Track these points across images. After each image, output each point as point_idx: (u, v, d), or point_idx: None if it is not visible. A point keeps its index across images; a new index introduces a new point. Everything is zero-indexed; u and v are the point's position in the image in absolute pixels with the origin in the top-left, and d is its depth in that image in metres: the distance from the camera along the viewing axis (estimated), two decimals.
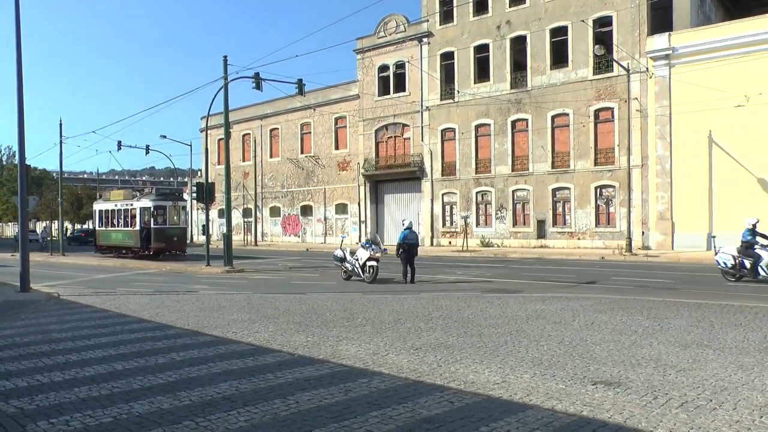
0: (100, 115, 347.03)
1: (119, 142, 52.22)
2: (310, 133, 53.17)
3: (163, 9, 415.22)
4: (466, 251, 36.41)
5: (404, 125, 45.92)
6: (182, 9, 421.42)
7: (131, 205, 36.95)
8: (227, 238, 27.79)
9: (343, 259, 21.39)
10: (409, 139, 45.72)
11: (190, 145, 62.89)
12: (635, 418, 5.96)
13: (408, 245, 20.24)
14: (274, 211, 56.66)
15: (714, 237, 29.71)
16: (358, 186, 48.90)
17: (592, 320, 11.74)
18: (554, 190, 38.29)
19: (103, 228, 40.17)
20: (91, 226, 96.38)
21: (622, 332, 10.42)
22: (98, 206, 41.56)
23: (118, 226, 38.32)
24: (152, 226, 34.95)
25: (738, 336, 9.94)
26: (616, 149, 35.43)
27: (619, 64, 33.68)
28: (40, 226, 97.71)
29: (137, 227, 35.84)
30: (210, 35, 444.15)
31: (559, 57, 38.06)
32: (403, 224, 21.39)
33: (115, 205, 38.65)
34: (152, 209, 35.12)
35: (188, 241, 64.87)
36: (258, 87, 29.01)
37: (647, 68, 33.79)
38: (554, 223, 38.36)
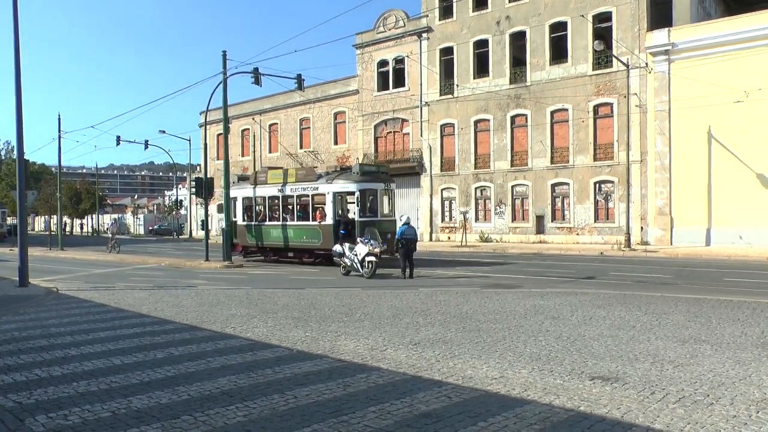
0: (99, 110, 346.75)
1: (118, 137, 52.31)
2: (309, 128, 53.10)
3: (163, 3, 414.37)
4: (465, 246, 36.41)
5: (403, 120, 45.87)
6: (182, 3, 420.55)
7: (315, 188, 26.06)
8: (226, 233, 27.80)
9: (342, 255, 21.40)
10: (408, 134, 45.67)
11: (189, 140, 62.92)
12: (633, 413, 5.98)
13: (406, 240, 20.25)
14: None
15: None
16: None
17: (590, 315, 11.76)
18: (553, 186, 38.27)
19: (254, 222, 29.02)
20: (104, 222, 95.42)
21: (620, 327, 10.44)
22: (239, 191, 30.12)
23: (286, 220, 27.30)
24: (357, 218, 24.45)
25: (736, 331, 9.96)
26: (616, 145, 35.41)
27: (619, 60, 33.63)
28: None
29: (328, 221, 25.20)
30: (209, 30, 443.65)
31: (559, 52, 37.99)
32: (401, 220, 21.41)
33: (280, 190, 27.65)
34: (357, 194, 24.63)
35: (187, 237, 65.06)
36: (257, 82, 28.99)
37: (647, 64, 33.74)
38: (553, 219, 38.35)
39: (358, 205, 24.49)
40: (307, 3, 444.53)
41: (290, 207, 27.20)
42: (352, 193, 24.94)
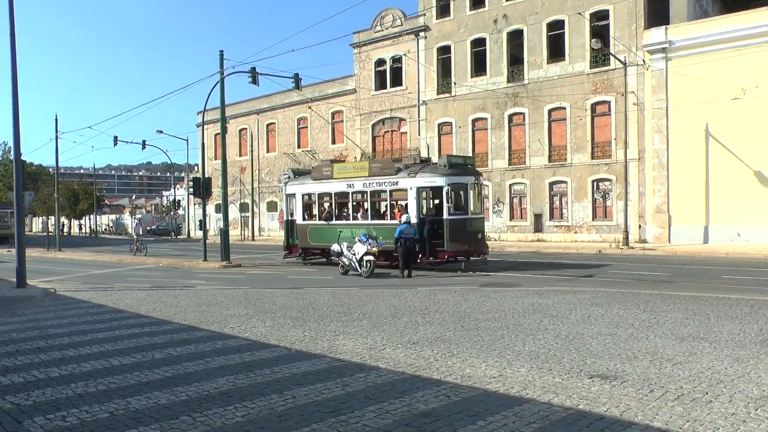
0: (96, 110, 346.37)
1: (115, 138, 52.23)
2: (306, 127, 53.08)
3: (161, 3, 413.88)
4: None
5: (401, 119, 45.86)
6: (179, 3, 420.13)
7: (394, 183, 22.97)
8: (224, 233, 27.77)
9: (340, 254, 21.39)
10: (405, 133, 45.66)
11: (187, 140, 62.81)
12: (631, 412, 5.98)
13: (405, 239, 20.24)
14: (271, 206, 56.57)
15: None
16: None
17: (588, 314, 11.76)
18: (551, 184, 38.29)
19: (318, 222, 25.57)
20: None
21: (618, 325, 10.44)
22: (298, 187, 26.79)
23: (357, 219, 24.24)
24: (446, 216, 21.55)
25: (734, 329, 9.96)
26: (613, 143, 35.43)
27: (616, 58, 33.65)
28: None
29: (413, 220, 21.60)
30: (206, 30, 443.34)
31: (556, 51, 38.01)
32: (401, 219, 21.39)
33: (349, 185, 24.46)
34: (447, 189, 21.50)
35: (185, 237, 65.02)
36: (254, 82, 28.95)
37: (644, 62, 33.76)
38: (551, 217, 38.38)
39: (448, 202, 21.41)
40: (305, 2, 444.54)
41: (362, 204, 24.36)
42: (440, 188, 21.82)
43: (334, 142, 50.79)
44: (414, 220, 21.26)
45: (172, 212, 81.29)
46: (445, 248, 21.42)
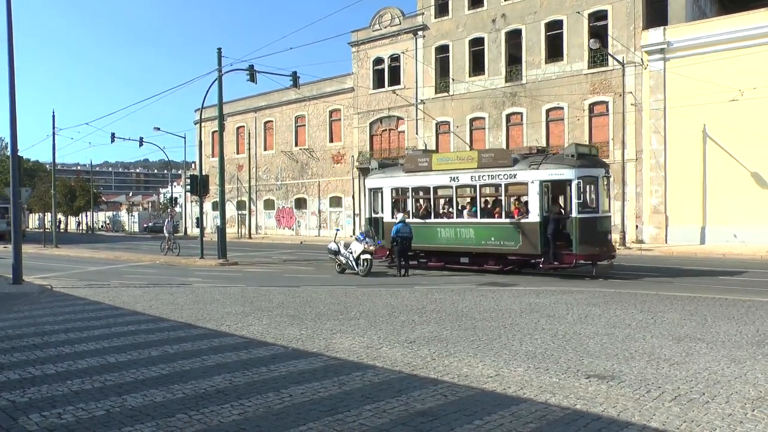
0: (93, 107, 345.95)
1: (113, 134, 52.22)
2: (304, 125, 53.03)
3: (159, 2, 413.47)
4: None
5: (399, 118, 45.82)
6: (178, 2, 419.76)
7: (511, 176, 19.88)
8: (221, 230, 27.74)
9: (337, 252, 21.38)
10: (403, 132, 45.62)
11: (184, 138, 62.74)
12: (628, 412, 5.98)
13: (401, 239, 20.23)
14: (269, 204, 56.54)
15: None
16: (353, 179, 48.81)
17: (585, 313, 11.76)
18: None
19: (412, 221, 21.62)
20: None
21: (615, 325, 10.45)
22: (386, 181, 23.46)
23: (461, 217, 21.37)
24: (575, 214, 18.77)
25: (731, 329, 9.98)
26: (611, 143, 35.43)
27: (614, 58, 33.65)
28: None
29: (532, 217, 19.29)
30: (204, 27, 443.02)
31: (555, 51, 38.00)
32: (396, 218, 21.38)
33: (453, 178, 21.14)
34: (576, 183, 18.70)
35: (182, 234, 64.94)
36: (252, 79, 28.89)
37: (642, 62, 33.78)
38: None
39: (578, 198, 18.71)
40: (303, 1, 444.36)
41: (470, 200, 21.81)
42: (567, 182, 19.07)
43: (331, 141, 50.76)
44: (536, 219, 18.99)
45: (169, 209, 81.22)
46: (574, 251, 18.63)
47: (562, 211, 19.71)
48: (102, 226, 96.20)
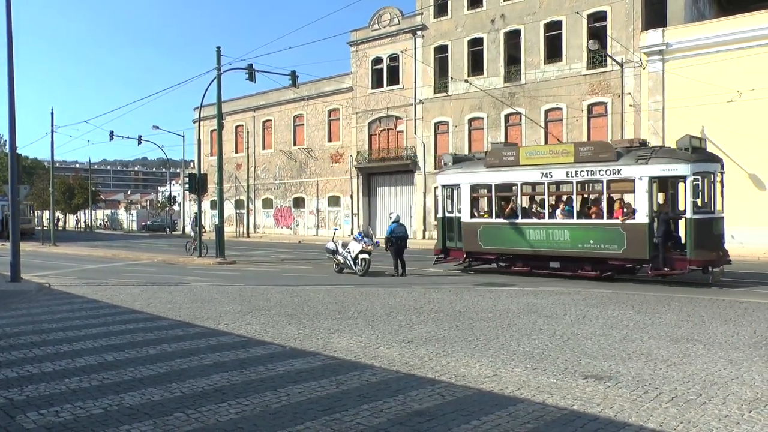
0: (92, 105, 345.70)
1: (111, 132, 52.14)
2: (303, 125, 53.02)
3: (159, 2, 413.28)
4: None
5: (397, 118, 45.83)
6: (178, 1, 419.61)
7: (614, 171, 18.01)
8: (220, 229, 27.74)
9: (335, 252, 21.37)
10: (402, 131, 45.64)
11: (183, 136, 62.87)
12: (626, 413, 5.99)
13: (396, 238, 20.23)
14: (267, 203, 56.53)
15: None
16: (351, 178, 48.83)
17: (583, 314, 11.78)
18: None
19: (495, 221, 20.44)
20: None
21: (613, 326, 10.46)
22: (463, 176, 21.44)
23: (554, 217, 19.43)
24: (690, 215, 16.83)
25: (728, 331, 10.00)
26: None
27: (613, 59, 33.68)
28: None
29: (640, 218, 17.49)
30: (203, 26, 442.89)
31: (553, 51, 38.01)
32: (391, 217, 21.38)
33: (545, 174, 19.30)
34: (692, 180, 16.81)
35: (180, 233, 64.89)
36: (251, 78, 28.88)
37: (641, 63, 33.81)
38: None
39: (695, 196, 16.69)
40: (302, 0, 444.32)
41: (564, 198, 19.91)
42: (681, 179, 17.31)
43: (330, 140, 50.75)
44: (644, 219, 17.22)
45: (167, 208, 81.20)
46: (688, 256, 16.70)
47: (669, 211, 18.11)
48: (100, 224, 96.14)
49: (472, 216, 21.08)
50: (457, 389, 6.83)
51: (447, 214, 22.27)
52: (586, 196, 19.50)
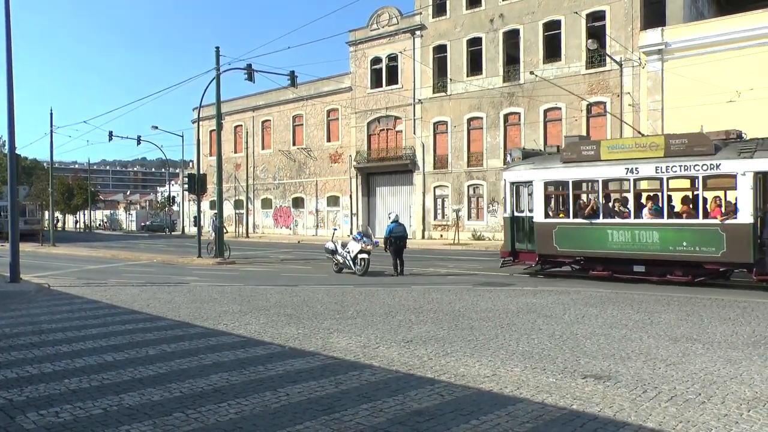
0: (91, 105, 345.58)
1: (110, 133, 52.16)
2: (302, 125, 53.04)
3: (159, 1, 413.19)
4: (458, 244, 36.45)
5: (396, 118, 45.84)
6: (178, 1, 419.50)
7: (712, 167, 16.40)
8: (219, 229, 27.74)
9: (334, 252, 21.37)
10: (401, 131, 45.65)
11: (182, 136, 62.90)
12: (625, 412, 5.99)
13: (395, 238, 20.24)
14: (266, 203, 56.54)
15: None
16: (350, 178, 48.84)
17: (582, 314, 11.78)
18: None
19: (573, 221, 18.72)
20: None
21: (612, 326, 10.47)
22: (536, 172, 19.59)
23: (639, 217, 17.58)
24: None
25: (727, 330, 10.00)
26: None
27: (612, 59, 33.71)
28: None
29: (744, 218, 15.79)
30: (202, 26, 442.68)
31: (552, 51, 38.03)
32: (390, 217, 21.39)
33: (631, 170, 17.56)
34: None
35: (179, 233, 64.88)
36: (250, 78, 28.90)
37: (640, 62, 33.82)
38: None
39: None
40: (301, 0, 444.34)
41: (653, 196, 18.02)
42: None
43: (329, 140, 50.76)
44: (748, 219, 15.60)
45: (166, 208, 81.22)
46: None
47: None
48: (99, 224, 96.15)
49: (546, 215, 19.39)
50: (457, 389, 6.84)
51: (516, 214, 20.44)
52: (667, 194, 17.36)
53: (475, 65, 41.55)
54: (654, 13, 35.08)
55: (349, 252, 20.70)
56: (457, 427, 5.62)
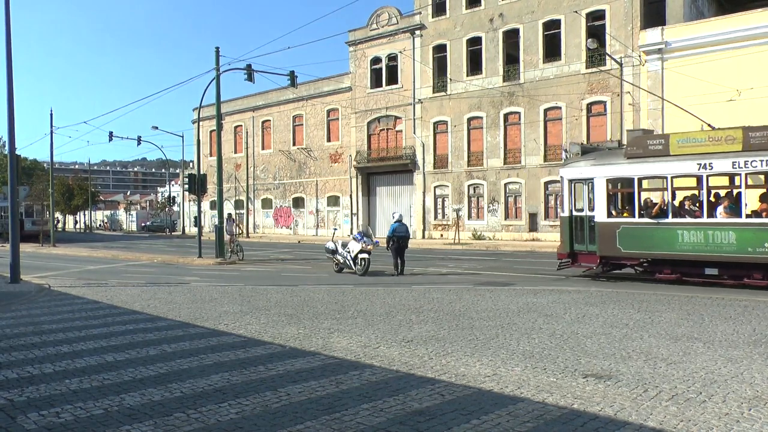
0: (91, 106, 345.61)
1: (111, 133, 52.20)
2: (302, 125, 53.03)
3: (159, 1, 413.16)
4: (458, 244, 36.44)
5: (396, 118, 45.84)
6: (177, 1, 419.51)
7: None
8: (219, 229, 27.74)
9: (334, 252, 21.37)
10: (401, 131, 45.65)
11: (182, 137, 62.92)
12: (626, 411, 5.99)
13: (397, 238, 20.24)
14: (266, 203, 56.54)
15: None
16: (350, 178, 48.83)
17: (583, 313, 11.77)
18: (546, 183, 38.31)
19: (639, 220, 17.40)
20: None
21: (613, 325, 10.46)
22: (602, 169, 18.27)
23: (713, 216, 16.25)
24: None
25: (727, 329, 10.00)
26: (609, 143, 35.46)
27: (612, 58, 33.70)
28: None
29: None
30: (202, 26, 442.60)
31: (552, 50, 38.03)
32: (393, 217, 21.41)
33: (704, 165, 16.34)
34: None
35: (180, 233, 64.87)
36: (250, 79, 28.90)
37: (640, 62, 33.81)
38: (546, 216, 38.41)
39: None
40: (301, 0, 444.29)
41: (729, 194, 16.94)
42: None
43: (329, 140, 50.76)
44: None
45: (166, 208, 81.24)
46: None
47: None
48: (100, 224, 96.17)
49: (609, 215, 18.10)
50: (457, 388, 6.83)
51: (575, 213, 19.09)
52: (739, 192, 16.41)
53: (474, 65, 41.55)
54: (654, 13, 35.07)
55: (349, 252, 20.71)
56: (458, 426, 5.62)
